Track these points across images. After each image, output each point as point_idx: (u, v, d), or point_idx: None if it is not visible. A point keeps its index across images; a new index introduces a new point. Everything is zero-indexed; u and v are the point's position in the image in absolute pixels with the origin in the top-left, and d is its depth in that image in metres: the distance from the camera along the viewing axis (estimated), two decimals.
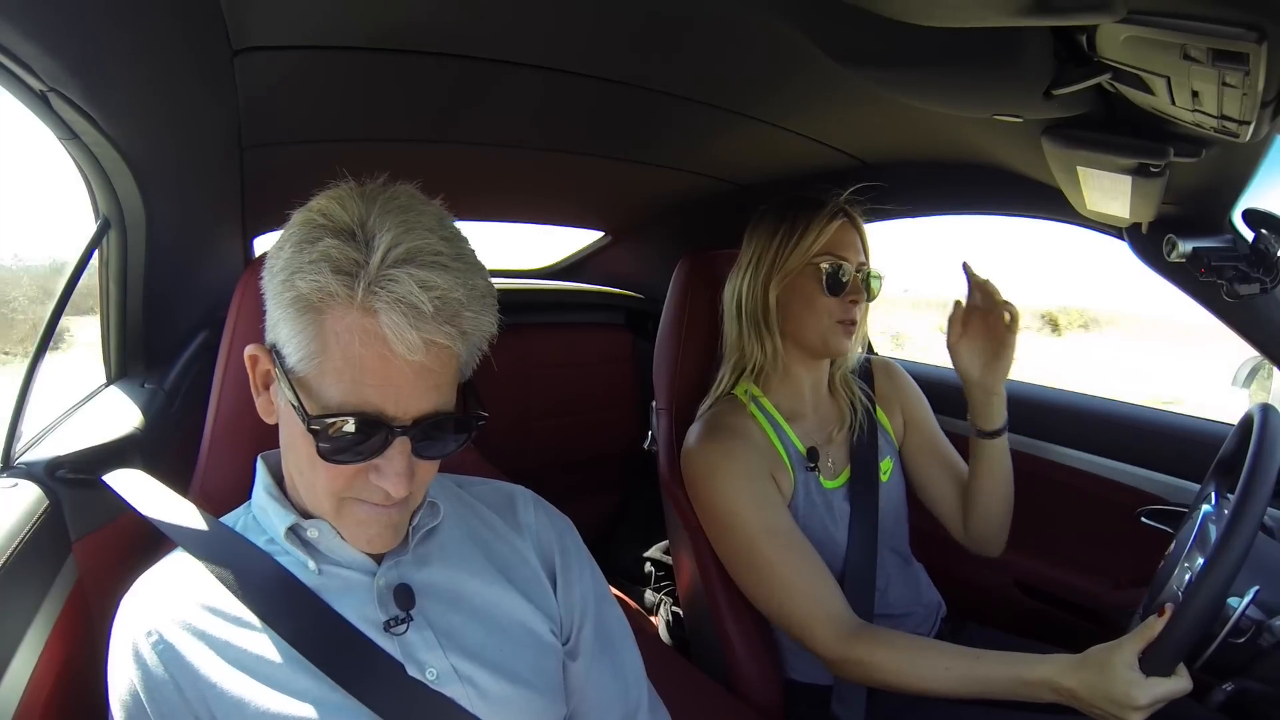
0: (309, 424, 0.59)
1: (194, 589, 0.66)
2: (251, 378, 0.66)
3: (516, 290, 1.94)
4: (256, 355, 0.65)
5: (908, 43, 0.64)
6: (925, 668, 0.92)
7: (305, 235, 0.59)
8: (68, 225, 0.92)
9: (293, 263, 0.58)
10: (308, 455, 0.61)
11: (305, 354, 0.59)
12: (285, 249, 0.60)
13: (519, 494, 0.83)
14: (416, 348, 0.56)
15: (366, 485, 0.63)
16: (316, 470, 0.62)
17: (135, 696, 0.61)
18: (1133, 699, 0.78)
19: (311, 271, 0.56)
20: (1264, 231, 0.90)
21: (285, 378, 0.61)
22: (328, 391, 0.59)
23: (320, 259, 0.56)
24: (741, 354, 1.18)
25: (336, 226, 0.58)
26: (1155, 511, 1.28)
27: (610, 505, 2.07)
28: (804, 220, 1.14)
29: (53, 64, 0.60)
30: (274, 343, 0.62)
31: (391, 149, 1.16)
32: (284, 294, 0.59)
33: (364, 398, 0.58)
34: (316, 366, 0.59)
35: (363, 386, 0.58)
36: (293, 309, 0.59)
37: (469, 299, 0.58)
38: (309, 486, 0.65)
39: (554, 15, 0.80)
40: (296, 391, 0.60)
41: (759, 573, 1.06)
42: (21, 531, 0.70)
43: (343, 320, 0.57)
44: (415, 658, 0.67)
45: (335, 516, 0.66)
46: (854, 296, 1.13)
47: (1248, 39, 0.45)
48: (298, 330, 0.59)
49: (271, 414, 0.67)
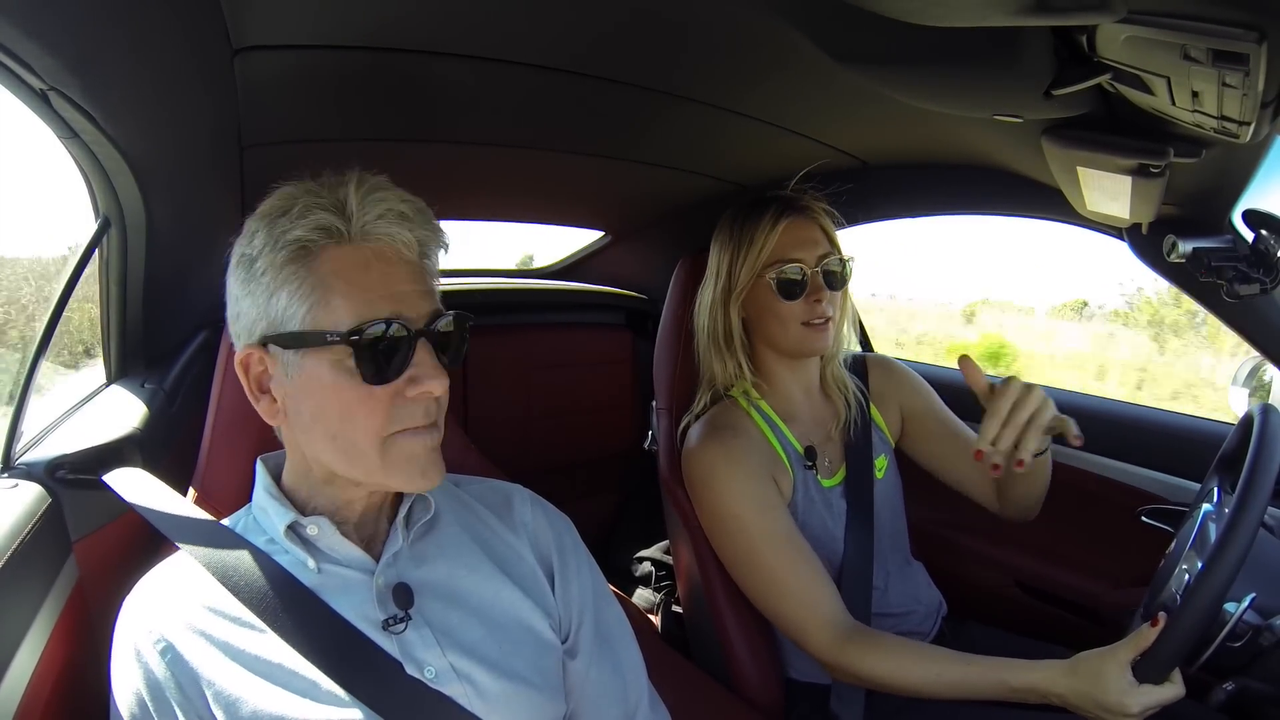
0: (347, 338, 0.61)
1: (195, 590, 0.66)
2: (247, 385, 0.67)
3: (516, 290, 1.94)
4: (247, 357, 0.66)
5: (908, 42, 0.64)
6: (916, 673, 0.93)
7: (277, 209, 0.64)
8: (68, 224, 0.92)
9: (275, 228, 0.63)
10: (343, 404, 0.63)
11: (311, 303, 0.62)
12: (258, 235, 0.64)
13: (516, 492, 0.83)
14: (413, 246, 0.65)
15: (405, 407, 0.64)
16: (356, 416, 0.63)
17: (139, 699, 0.62)
18: (1124, 706, 0.79)
19: (301, 222, 0.62)
20: (1264, 232, 0.90)
21: (299, 341, 0.63)
22: (339, 318, 0.62)
23: (304, 210, 0.62)
24: (712, 373, 1.18)
25: (307, 191, 0.64)
26: (1155, 511, 1.28)
27: (610, 505, 2.06)
28: (749, 230, 1.12)
29: (53, 62, 0.60)
30: (264, 332, 0.64)
31: (391, 148, 1.16)
32: (276, 257, 0.62)
33: (378, 310, 0.62)
34: (324, 309, 0.62)
35: (374, 302, 0.62)
36: (289, 267, 0.62)
37: (434, 231, 0.68)
38: (348, 447, 0.65)
39: (554, 15, 0.80)
40: (317, 341, 0.62)
41: (757, 573, 1.06)
42: (22, 531, 0.70)
43: (337, 256, 0.63)
44: (414, 656, 0.67)
45: (383, 465, 0.65)
46: (815, 295, 1.10)
47: (1248, 39, 0.45)
48: (297, 286, 0.62)
49: (275, 414, 0.67)
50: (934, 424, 1.25)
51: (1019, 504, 1.14)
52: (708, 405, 1.20)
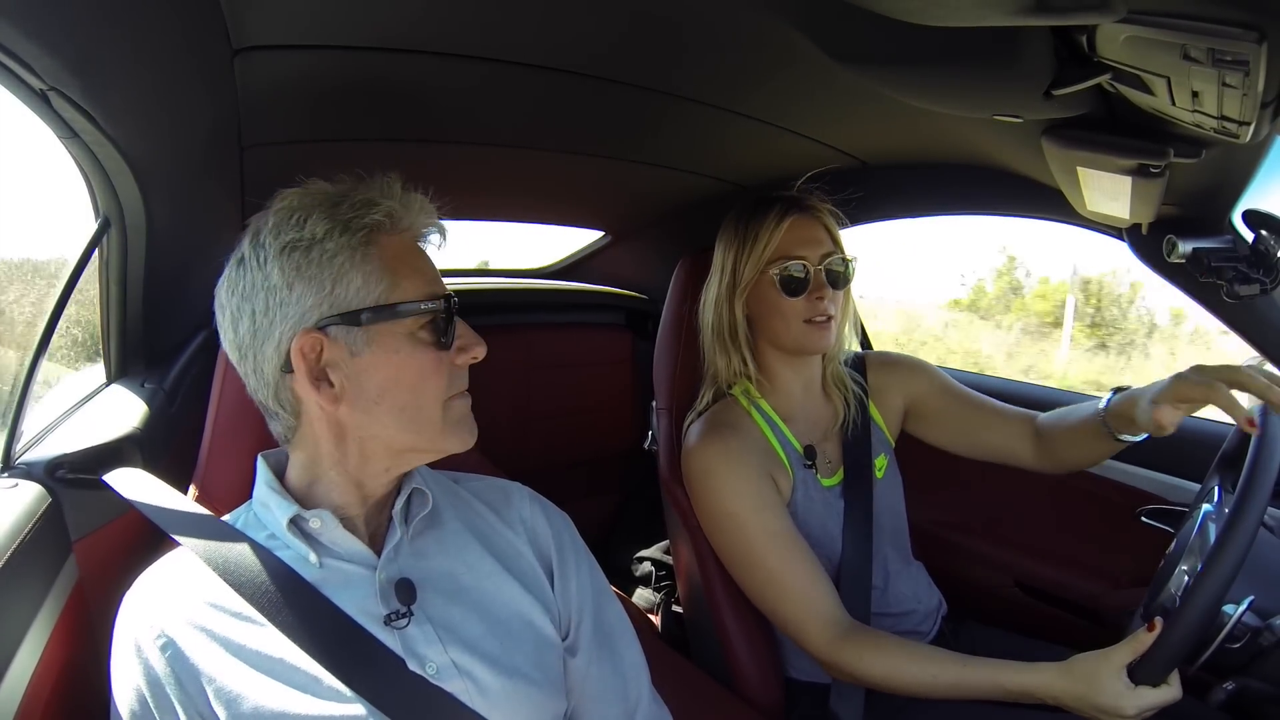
0: (428, 300, 0.68)
1: (195, 585, 0.66)
2: (307, 372, 0.66)
3: (516, 290, 1.94)
4: (316, 341, 0.66)
5: (907, 42, 0.64)
6: (913, 674, 0.93)
7: (328, 201, 0.67)
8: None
9: (339, 216, 0.66)
10: (418, 371, 0.68)
11: (387, 284, 0.67)
12: (312, 221, 0.66)
13: (515, 489, 0.83)
14: (437, 240, 0.74)
15: (455, 373, 0.71)
16: (428, 382, 0.69)
17: (139, 695, 0.62)
18: (1120, 709, 0.79)
19: (369, 209, 0.67)
20: (1264, 232, 0.90)
21: (373, 317, 0.66)
22: (411, 294, 0.68)
23: (366, 200, 0.67)
24: (716, 368, 1.19)
25: (342, 190, 0.69)
26: (1155, 511, 1.28)
27: (610, 505, 2.06)
28: (754, 228, 1.13)
29: (53, 62, 0.60)
30: (328, 314, 0.65)
31: (391, 149, 1.16)
32: (350, 240, 0.66)
33: (434, 289, 0.70)
34: (396, 288, 0.67)
35: (430, 283, 0.70)
36: (363, 249, 0.66)
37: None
38: (415, 414, 0.69)
39: (554, 15, 0.80)
40: (391, 315, 0.67)
41: (755, 573, 1.06)
42: (22, 531, 0.70)
43: (396, 243, 0.69)
44: (416, 652, 0.67)
45: (442, 428, 0.70)
46: (818, 293, 1.11)
47: (1247, 39, 0.45)
48: (373, 268, 0.66)
49: (336, 399, 0.67)
50: (945, 399, 1.23)
51: (1073, 465, 1.14)
52: (710, 403, 1.20)
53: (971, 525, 1.52)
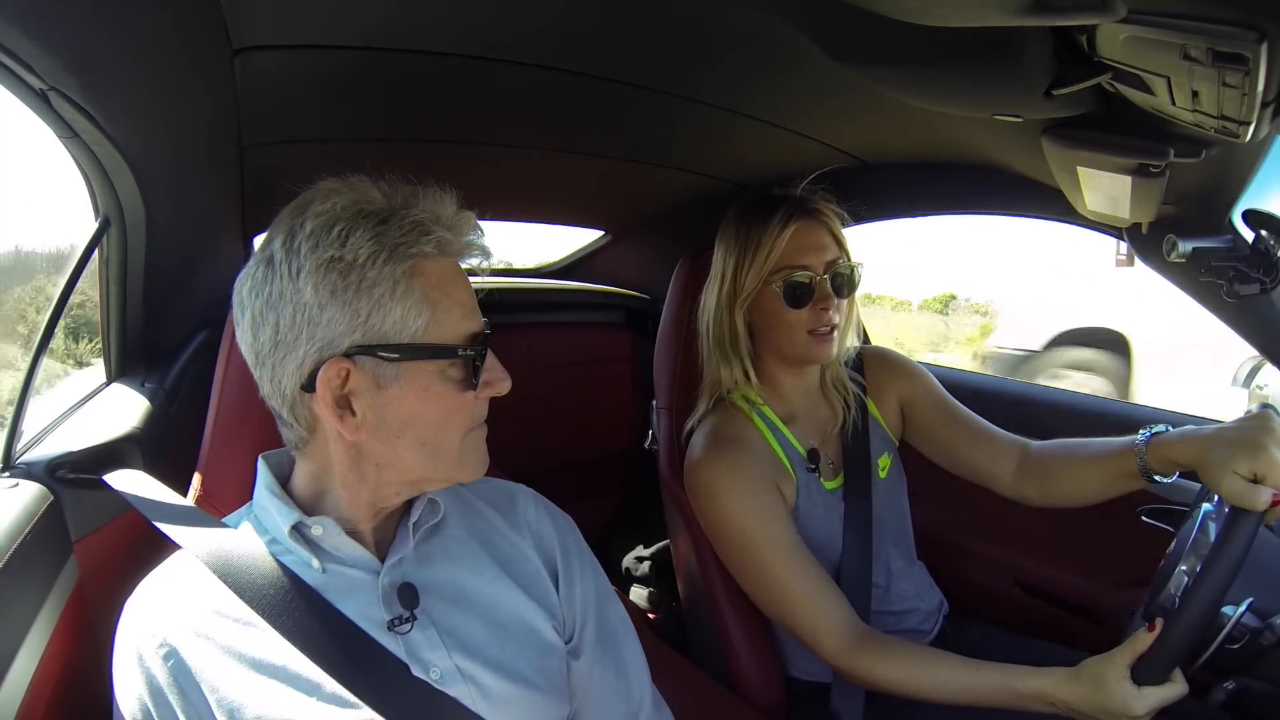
0: (464, 350, 0.65)
1: (197, 591, 0.66)
2: (331, 403, 0.63)
3: (517, 289, 1.94)
4: (343, 370, 0.62)
5: (907, 42, 0.64)
6: (926, 679, 0.93)
7: (375, 218, 0.62)
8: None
9: (386, 240, 0.61)
10: (444, 411, 0.66)
11: (429, 317, 0.63)
12: (356, 240, 0.61)
13: (520, 492, 0.83)
14: (485, 263, 0.69)
15: (478, 406, 0.69)
16: (452, 421, 0.67)
17: (141, 704, 0.62)
18: (1129, 709, 0.79)
19: (418, 236, 0.62)
20: (1264, 232, 0.90)
21: (410, 354, 0.63)
22: (449, 332, 0.65)
23: (415, 223, 0.62)
24: (716, 377, 1.17)
25: (393, 206, 0.63)
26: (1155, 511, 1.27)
27: (611, 505, 2.07)
28: (756, 234, 1.09)
29: (52, 62, 0.60)
30: (361, 343, 0.62)
31: (391, 148, 1.16)
32: (395, 271, 0.61)
33: (473, 324, 0.67)
34: (436, 323, 0.64)
35: (470, 316, 0.66)
36: (408, 280, 0.62)
37: None
38: (435, 449, 0.67)
39: (554, 15, 0.80)
40: (432, 349, 0.64)
41: (766, 585, 1.05)
42: (22, 531, 0.70)
43: (438, 270, 0.64)
44: (419, 657, 0.67)
45: (459, 460, 0.69)
46: (823, 304, 1.07)
47: (1248, 39, 0.45)
48: (416, 300, 0.63)
49: (358, 428, 0.64)
50: (931, 409, 1.21)
51: (1069, 500, 1.09)
52: (710, 408, 1.19)
53: (972, 525, 1.52)
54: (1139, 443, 0.95)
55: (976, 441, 1.17)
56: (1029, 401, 1.54)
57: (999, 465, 1.14)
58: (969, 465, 1.17)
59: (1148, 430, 0.96)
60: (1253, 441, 0.78)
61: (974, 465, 1.17)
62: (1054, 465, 1.09)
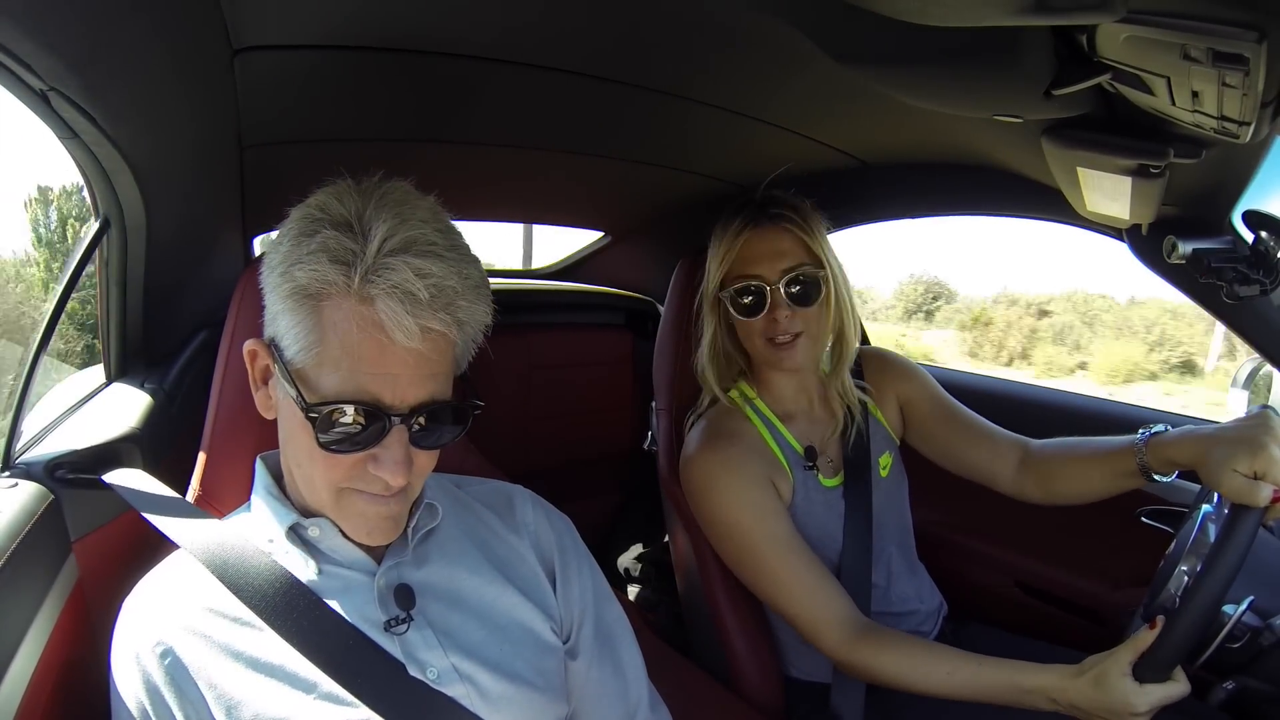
0: (307, 412, 0.59)
1: (195, 592, 0.66)
2: (250, 372, 0.67)
3: (516, 290, 1.94)
4: (255, 350, 0.66)
5: (907, 42, 0.64)
6: (928, 673, 0.93)
7: (303, 229, 0.60)
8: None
9: (291, 255, 0.59)
10: (306, 447, 0.62)
11: (304, 345, 0.60)
12: (284, 243, 0.61)
13: (517, 493, 0.83)
14: (414, 334, 0.57)
15: (365, 476, 0.63)
16: (315, 462, 0.62)
17: (139, 704, 0.62)
18: (1131, 706, 0.79)
19: (310, 262, 0.58)
20: (1264, 233, 0.90)
21: (284, 369, 0.61)
22: (325, 381, 0.59)
23: (318, 250, 0.58)
24: (705, 375, 1.17)
25: (334, 219, 0.59)
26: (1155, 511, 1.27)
27: (610, 505, 2.06)
28: (717, 240, 1.10)
29: (53, 62, 0.60)
30: (273, 336, 0.63)
31: (391, 148, 1.16)
32: (282, 285, 0.60)
33: (361, 386, 0.59)
34: (315, 357, 0.60)
35: (360, 375, 0.59)
36: (291, 300, 0.59)
37: (463, 288, 0.60)
38: (307, 479, 0.65)
39: (554, 15, 0.80)
40: (295, 382, 0.60)
41: (764, 579, 1.06)
42: (22, 531, 0.70)
43: (340, 309, 0.58)
44: (416, 657, 0.67)
45: (334, 509, 0.66)
46: (773, 314, 1.06)
47: (1248, 39, 0.45)
48: (296, 321, 0.60)
49: (270, 409, 0.67)
50: (930, 409, 1.22)
51: (1069, 498, 1.08)
52: (709, 404, 1.19)
53: (972, 525, 1.52)
54: (1139, 442, 0.96)
55: (976, 440, 1.17)
56: (1029, 401, 1.54)
57: (999, 464, 1.14)
58: (969, 464, 1.18)
59: (1147, 430, 0.96)
60: (1253, 440, 0.79)
61: (974, 464, 1.17)
62: (1054, 464, 1.09)
